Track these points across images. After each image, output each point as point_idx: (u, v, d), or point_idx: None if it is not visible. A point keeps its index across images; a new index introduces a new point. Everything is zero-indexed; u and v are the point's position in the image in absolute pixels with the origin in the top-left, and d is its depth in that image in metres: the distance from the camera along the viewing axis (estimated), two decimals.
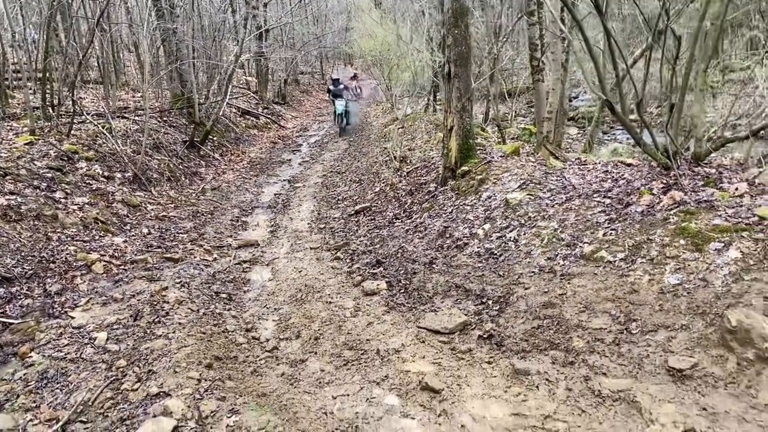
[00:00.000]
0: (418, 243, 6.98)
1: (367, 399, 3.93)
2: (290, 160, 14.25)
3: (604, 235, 5.22)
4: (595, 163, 7.21)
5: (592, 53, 5.73)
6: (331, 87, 18.35)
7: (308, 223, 8.85)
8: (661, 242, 4.68)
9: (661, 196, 5.32)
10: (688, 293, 4.10)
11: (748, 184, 5.04)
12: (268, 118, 19.31)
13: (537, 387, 3.84)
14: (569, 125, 15.48)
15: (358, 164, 12.67)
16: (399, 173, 10.04)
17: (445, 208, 7.53)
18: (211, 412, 3.55)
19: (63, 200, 7.23)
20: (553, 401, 3.67)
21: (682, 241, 4.56)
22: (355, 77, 26.70)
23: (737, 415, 3.16)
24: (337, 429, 3.59)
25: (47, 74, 9.97)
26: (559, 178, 6.77)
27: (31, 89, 10.36)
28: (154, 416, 3.45)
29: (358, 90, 25.79)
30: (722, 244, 4.31)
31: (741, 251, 4.17)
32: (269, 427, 3.38)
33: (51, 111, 9.80)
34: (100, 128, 9.74)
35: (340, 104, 17.66)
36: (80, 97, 11.82)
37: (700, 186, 5.28)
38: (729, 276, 4.04)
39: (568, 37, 7.39)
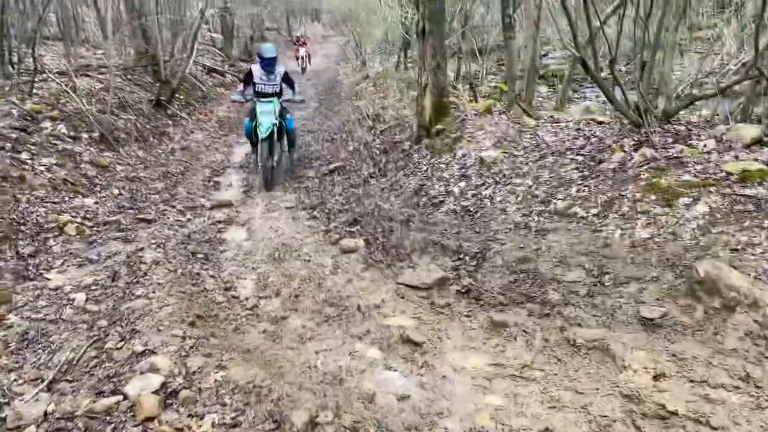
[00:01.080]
0: (394, 201, 7.03)
1: (350, 353, 4.02)
2: None
3: (578, 191, 5.35)
4: (568, 121, 7.31)
5: (567, 10, 5.76)
6: (258, 72, 8.11)
7: (282, 183, 8.80)
8: (633, 198, 4.82)
9: (632, 153, 5.45)
10: (658, 246, 4.26)
11: (716, 141, 5.20)
12: (235, 75, 18.89)
13: (515, 338, 3.98)
14: (539, 83, 15.52)
15: (330, 123, 12.55)
16: (372, 132, 10.01)
17: (420, 167, 7.57)
18: (198, 368, 3.58)
19: (29, 161, 7.02)
20: (530, 351, 3.81)
21: (652, 197, 4.70)
22: (300, 42, 21.07)
23: (704, 359, 3.34)
24: (322, 381, 3.67)
25: (5, 30, 9.53)
26: (532, 136, 6.86)
27: None
28: (141, 373, 3.47)
29: (307, 59, 20.44)
30: (691, 199, 4.47)
31: (709, 205, 4.33)
32: (257, 381, 3.44)
33: (11, 69, 9.41)
34: (64, 87, 9.43)
35: (266, 114, 7.84)
36: (40, 55, 11.37)
37: (670, 143, 5.43)
38: (697, 229, 4.20)
39: None
